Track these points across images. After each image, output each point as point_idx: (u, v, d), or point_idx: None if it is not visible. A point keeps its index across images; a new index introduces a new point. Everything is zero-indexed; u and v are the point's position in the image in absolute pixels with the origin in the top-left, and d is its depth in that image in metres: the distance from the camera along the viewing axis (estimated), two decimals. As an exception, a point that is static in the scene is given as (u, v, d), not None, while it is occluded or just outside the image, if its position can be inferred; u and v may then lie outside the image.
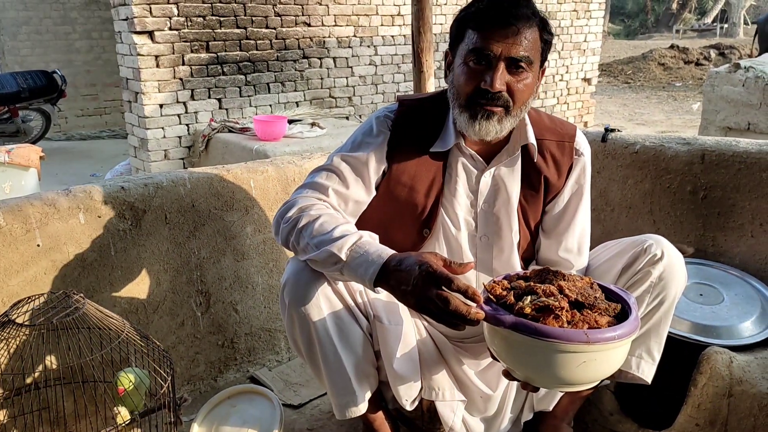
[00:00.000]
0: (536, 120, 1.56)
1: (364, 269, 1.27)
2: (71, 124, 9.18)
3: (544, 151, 1.55)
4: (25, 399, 1.73)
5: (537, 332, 1.15)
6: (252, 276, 2.19)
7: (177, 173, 2.05)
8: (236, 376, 2.16)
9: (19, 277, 1.74)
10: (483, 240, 1.57)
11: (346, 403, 1.53)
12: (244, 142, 4.99)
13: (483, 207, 1.56)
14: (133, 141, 5.62)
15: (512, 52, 1.36)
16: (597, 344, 1.13)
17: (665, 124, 9.80)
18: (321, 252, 1.33)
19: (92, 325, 1.51)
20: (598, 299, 1.23)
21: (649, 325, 1.53)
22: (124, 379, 1.55)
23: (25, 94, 7.29)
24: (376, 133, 1.54)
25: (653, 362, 1.56)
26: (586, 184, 1.59)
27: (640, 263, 1.49)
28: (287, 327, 1.49)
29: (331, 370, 1.49)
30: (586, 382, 1.22)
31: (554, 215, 1.59)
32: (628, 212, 2.34)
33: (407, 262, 1.23)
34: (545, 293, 1.21)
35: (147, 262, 1.96)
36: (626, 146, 2.32)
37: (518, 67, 1.38)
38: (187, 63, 5.40)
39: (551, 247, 1.60)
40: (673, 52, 16.03)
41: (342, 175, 1.51)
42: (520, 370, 1.26)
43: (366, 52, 6.53)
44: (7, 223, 1.72)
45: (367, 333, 1.53)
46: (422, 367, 1.62)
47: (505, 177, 1.54)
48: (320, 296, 1.42)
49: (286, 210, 1.45)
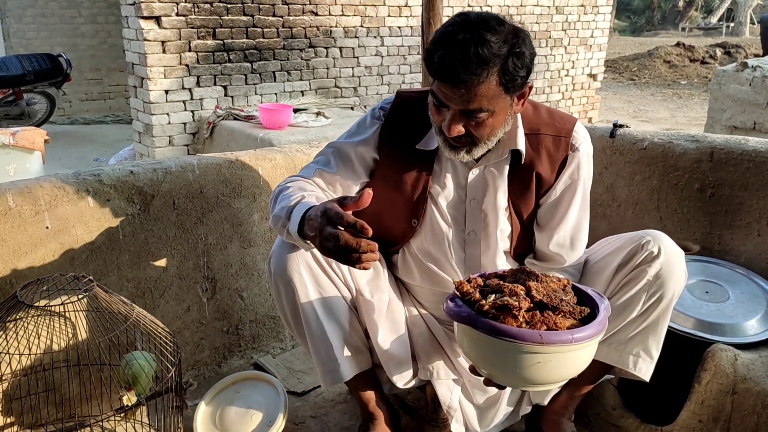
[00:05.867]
0: (533, 115, 1.56)
1: (293, 224, 1.35)
2: (75, 108, 9.17)
3: (540, 145, 1.54)
4: (32, 380, 1.74)
5: (492, 330, 1.18)
6: (258, 263, 2.19)
7: (186, 159, 2.05)
8: (240, 362, 2.17)
9: (28, 259, 1.75)
10: (471, 236, 1.59)
11: (329, 371, 1.58)
12: (249, 130, 4.99)
13: (471, 203, 1.57)
14: (137, 126, 5.61)
15: (463, 106, 1.36)
16: (552, 345, 1.15)
17: (670, 121, 9.78)
18: (273, 217, 1.45)
19: (101, 308, 1.52)
20: (564, 302, 1.23)
21: (646, 324, 1.53)
22: (135, 366, 1.56)
23: (29, 77, 7.27)
24: (369, 124, 1.61)
25: (651, 361, 1.56)
26: (581, 179, 1.57)
27: (636, 261, 1.49)
28: (275, 297, 1.59)
29: (315, 338, 1.56)
30: (546, 383, 1.25)
31: (547, 209, 1.59)
32: (634, 208, 2.34)
33: (315, 210, 1.30)
34: (510, 293, 1.23)
35: (154, 247, 1.97)
36: (634, 142, 2.32)
37: (473, 117, 1.37)
38: (194, 49, 5.39)
39: (543, 240, 1.60)
40: (679, 49, 15.97)
41: (330, 160, 1.60)
42: (482, 366, 1.30)
43: (372, 43, 6.51)
44: (17, 205, 1.72)
45: (352, 306, 1.60)
46: (416, 348, 1.66)
47: (493, 175, 1.55)
48: (301, 264, 1.50)
49: (276, 188, 1.57)
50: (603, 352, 1.56)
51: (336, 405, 1.95)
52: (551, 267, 1.61)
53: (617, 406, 1.84)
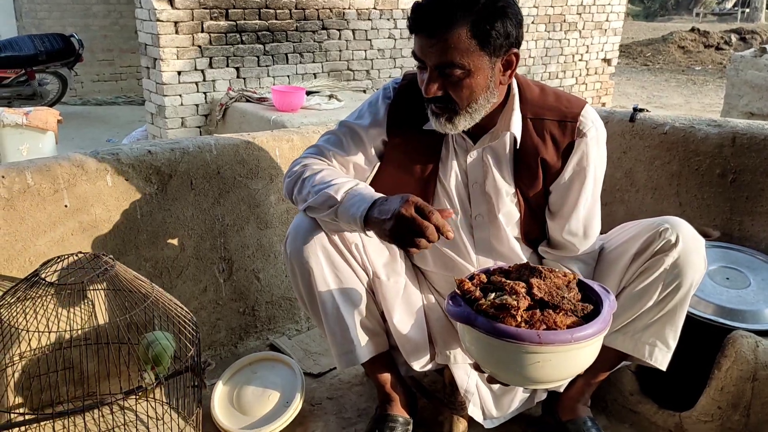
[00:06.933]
0: (539, 98, 1.51)
1: (356, 208, 1.36)
2: (87, 89, 9.16)
3: (543, 130, 1.50)
4: (50, 358, 1.75)
5: (490, 330, 1.17)
6: (274, 245, 2.19)
7: (203, 139, 2.04)
8: (256, 343, 2.18)
9: (47, 237, 1.75)
10: (478, 219, 1.57)
11: (345, 353, 1.58)
12: (261, 112, 4.97)
13: (474, 186, 1.55)
14: (150, 108, 5.61)
15: (436, 60, 1.34)
16: (550, 345, 1.14)
17: (684, 108, 9.69)
18: (319, 195, 1.43)
19: (121, 287, 1.52)
20: (565, 299, 1.21)
21: (663, 313, 1.50)
22: (157, 346, 1.56)
23: (42, 57, 7.26)
24: (380, 104, 1.59)
25: (668, 350, 1.54)
26: (591, 166, 1.51)
27: (654, 249, 1.47)
28: (291, 279, 1.60)
29: (331, 320, 1.56)
30: (547, 381, 1.23)
31: (557, 197, 1.55)
32: (653, 193, 2.31)
33: (393, 198, 1.33)
34: (510, 291, 1.21)
35: (172, 227, 1.96)
36: (655, 127, 2.29)
37: (449, 72, 1.35)
38: (206, 30, 5.36)
39: (556, 228, 1.58)
40: (694, 35, 15.78)
41: (343, 140, 1.59)
42: (483, 365, 1.29)
43: (385, 25, 6.46)
44: (36, 183, 1.72)
45: (368, 288, 1.59)
46: (433, 333, 1.66)
47: (491, 158, 1.52)
48: (318, 247, 1.50)
49: (292, 167, 1.57)
50: (618, 340, 1.55)
51: (352, 387, 1.95)
52: (565, 255, 1.59)
53: (635, 392, 1.83)
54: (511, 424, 1.72)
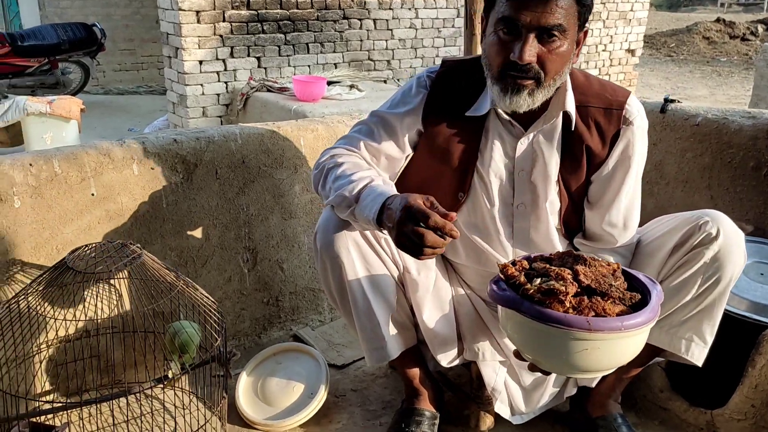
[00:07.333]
0: (584, 85, 1.49)
1: (369, 209, 1.32)
2: (109, 78, 9.22)
3: (588, 118, 1.47)
4: (77, 346, 1.75)
5: (538, 315, 1.13)
6: (298, 235, 2.17)
7: (228, 128, 2.03)
8: (280, 334, 2.17)
9: (73, 225, 1.75)
10: (520, 208, 1.53)
11: (375, 349, 1.56)
12: (282, 101, 4.97)
13: (520, 174, 1.51)
14: (171, 97, 5.62)
15: (542, 21, 1.29)
16: (599, 332, 1.11)
17: (709, 100, 9.52)
18: (337, 195, 1.39)
19: (147, 276, 1.51)
20: (613, 287, 1.18)
21: (701, 308, 1.47)
22: (184, 335, 1.55)
23: (65, 46, 7.30)
24: (414, 93, 1.54)
25: (705, 345, 1.50)
26: (636, 155, 1.48)
27: (693, 242, 1.43)
28: (320, 273, 1.56)
29: (362, 315, 1.53)
30: (592, 370, 1.20)
31: (599, 186, 1.52)
32: (684, 186, 2.27)
33: (396, 201, 1.27)
34: (556, 277, 1.18)
35: (197, 217, 1.96)
36: (686, 118, 2.24)
37: (550, 36, 1.31)
38: (228, 20, 5.36)
39: (595, 219, 1.54)
40: (719, 25, 15.48)
41: (374, 131, 1.55)
42: (526, 352, 1.25)
43: (407, 15, 6.41)
44: (63, 171, 1.72)
45: (399, 283, 1.56)
46: (462, 328, 1.63)
47: (543, 144, 1.48)
48: (349, 241, 1.47)
49: (320, 158, 1.54)
50: (654, 335, 1.51)
51: (376, 379, 1.94)
52: (602, 247, 1.55)
53: (665, 389, 1.80)
54: (539, 420, 1.70)
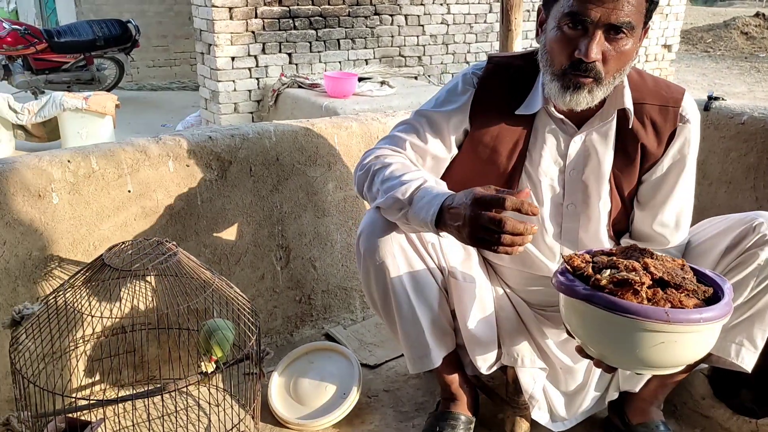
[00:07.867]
0: (638, 82, 1.44)
1: (425, 211, 1.27)
2: (142, 74, 9.34)
3: (644, 116, 1.43)
4: (113, 342, 1.76)
5: (612, 306, 1.07)
6: (331, 233, 2.16)
7: (263, 125, 2.03)
8: (311, 332, 2.16)
9: (110, 222, 1.76)
10: (570, 208, 1.49)
11: (419, 357, 1.53)
12: (313, 98, 4.97)
13: (571, 174, 1.47)
14: (204, 93, 5.67)
15: (612, 17, 1.24)
16: (678, 324, 1.05)
17: (747, 96, 9.28)
18: (388, 197, 1.34)
19: (183, 273, 1.51)
20: (686, 280, 1.13)
21: (753, 311, 1.41)
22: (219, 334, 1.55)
23: (100, 42, 7.42)
24: (461, 91, 1.50)
25: (755, 351, 1.45)
26: (691, 154, 1.46)
27: (747, 243, 1.37)
28: (362, 278, 1.52)
29: (406, 322, 1.50)
30: (663, 366, 1.14)
31: (651, 186, 1.48)
32: (727, 187, 2.20)
33: (458, 198, 1.23)
34: (627, 268, 1.13)
35: (231, 214, 1.96)
36: (731, 116, 2.17)
37: (618, 33, 1.26)
38: (260, 16, 5.38)
39: (645, 220, 1.50)
40: (758, 20, 15.08)
41: (420, 130, 1.50)
42: (593, 346, 1.19)
43: (438, 11, 6.36)
44: (100, 167, 1.73)
45: (442, 288, 1.52)
46: (502, 332, 1.59)
47: (596, 143, 1.44)
48: (395, 246, 1.43)
49: (363, 158, 1.49)
50: None
51: (409, 380, 1.92)
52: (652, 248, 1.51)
53: (707, 396, 1.74)
54: (575, 427, 1.66)
